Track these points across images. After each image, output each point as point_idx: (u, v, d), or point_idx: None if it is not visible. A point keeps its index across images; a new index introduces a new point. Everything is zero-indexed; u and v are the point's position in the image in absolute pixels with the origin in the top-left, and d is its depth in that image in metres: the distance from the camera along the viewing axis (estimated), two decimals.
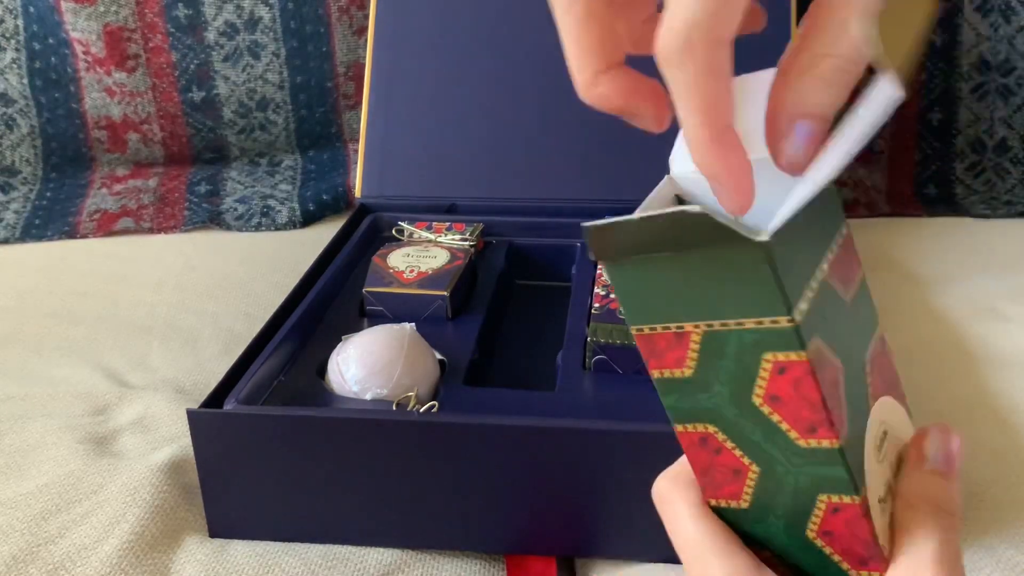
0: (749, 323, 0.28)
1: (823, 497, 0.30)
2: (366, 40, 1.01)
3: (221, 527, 0.58)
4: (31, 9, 1.16)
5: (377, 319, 0.71)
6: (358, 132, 0.98)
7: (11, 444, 0.67)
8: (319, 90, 1.21)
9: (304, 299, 0.71)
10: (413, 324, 0.65)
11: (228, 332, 0.84)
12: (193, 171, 1.21)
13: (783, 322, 0.27)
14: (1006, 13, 1.09)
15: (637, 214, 0.28)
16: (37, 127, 1.19)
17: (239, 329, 0.84)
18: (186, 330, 0.85)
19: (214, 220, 1.10)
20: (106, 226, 1.09)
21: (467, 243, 0.81)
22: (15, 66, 1.17)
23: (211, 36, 1.18)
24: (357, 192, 0.95)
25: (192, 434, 0.56)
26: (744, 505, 0.32)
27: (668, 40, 0.26)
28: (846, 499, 0.29)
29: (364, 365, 0.61)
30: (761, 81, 0.29)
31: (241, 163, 1.22)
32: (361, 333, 0.64)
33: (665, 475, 0.35)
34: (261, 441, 0.56)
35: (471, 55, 0.95)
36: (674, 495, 0.34)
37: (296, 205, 1.11)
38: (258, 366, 0.61)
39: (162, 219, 1.10)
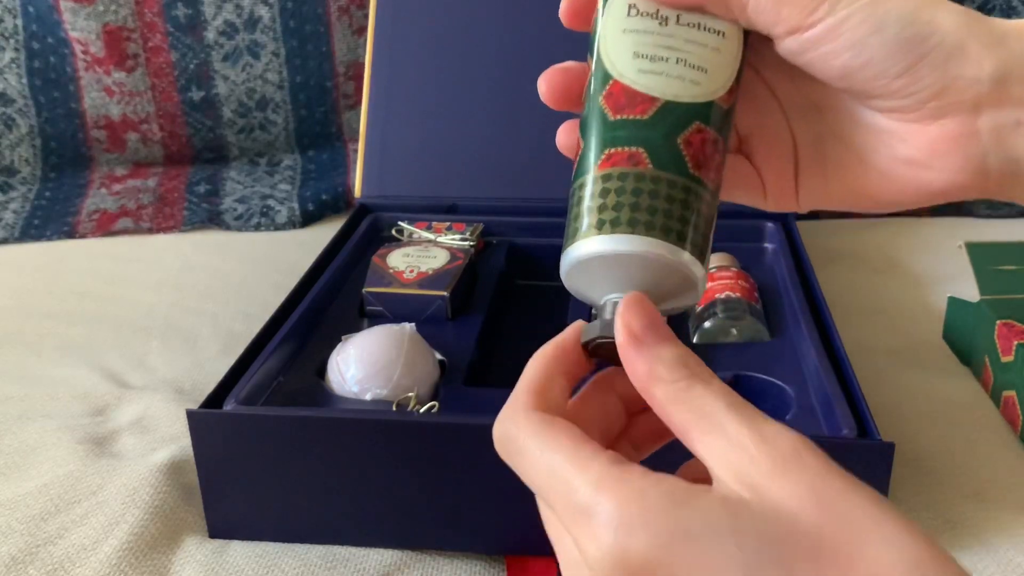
0: None
1: None
2: (366, 40, 1.01)
3: (221, 528, 0.58)
4: (30, 8, 1.16)
5: (377, 319, 0.71)
6: (358, 132, 0.98)
7: (10, 445, 0.67)
8: (319, 90, 1.21)
9: (304, 299, 0.71)
10: (413, 324, 0.65)
11: (227, 332, 0.84)
12: (192, 171, 1.21)
13: None
14: (1008, 13, 1.09)
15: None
16: (36, 127, 1.19)
17: (238, 329, 0.84)
18: (185, 330, 0.85)
19: (213, 220, 1.10)
20: (105, 226, 1.09)
21: (467, 243, 0.81)
22: (14, 65, 1.17)
23: (210, 36, 1.18)
24: (357, 192, 0.95)
25: (192, 434, 0.56)
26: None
27: None
28: None
29: (364, 365, 0.60)
30: None
31: (240, 163, 1.22)
32: (361, 333, 0.64)
33: (502, 420, 0.32)
34: (261, 441, 0.55)
35: (471, 54, 0.95)
36: (515, 432, 0.31)
37: (296, 205, 1.11)
38: (258, 366, 0.61)
39: (161, 219, 1.10)
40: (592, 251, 0.31)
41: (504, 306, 0.80)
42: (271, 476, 0.56)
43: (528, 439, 0.30)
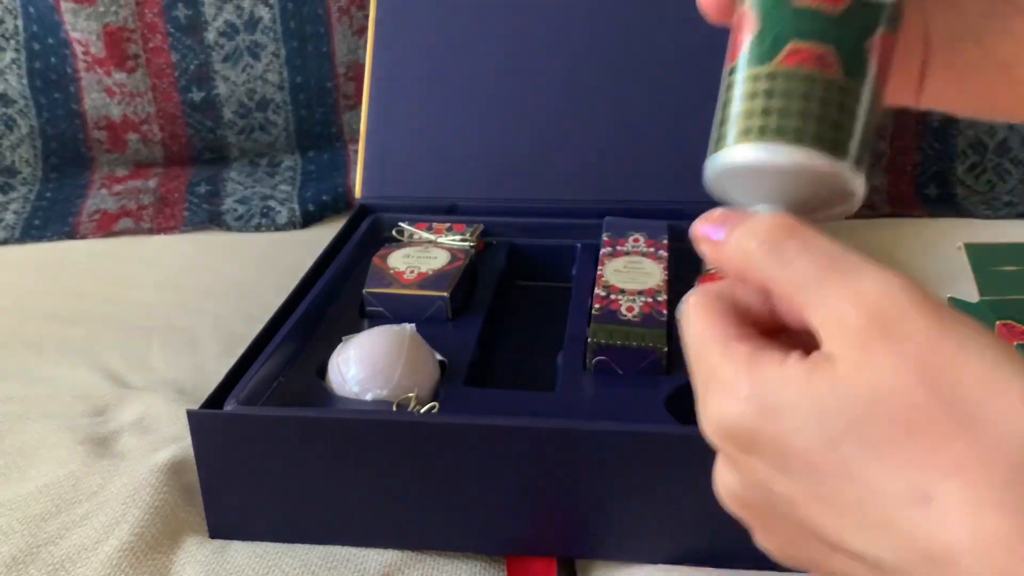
0: None
1: None
2: (366, 40, 1.01)
3: (221, 528, 0.58)
4: (31, 9, 1.16)
5: (377, 320, 0.71)
6: (358, 132, 0.98)
7: (11, 445, 0.67)
8: (319, 90, 1.21)
9: (304, 300, 0.71)
10: (413, 325, 0.65)
11: (228, 333, 0.84)
12: (193, 172, 1.21)
13: None
14: None
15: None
16: (37, 127, 1.19)
17: (239, 330, 0.84)
18: (186, 331, 0.85)
19: (214, 221, 1.10)
20: (106, 227, 1.09)
21: (467, 244, 0.81)
22: (15, 66, 1.17)
23: (211, 36, 1.18)
24: (357, 193, 0.95)
25: (192, 435, 0.56)
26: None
27: None
28: None
29: (364, 366, 0.61)
30: None
31: (241, 164, 1.22)
32: (361, 334, 0.64)
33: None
34: (261, 442, 0.55)
35: (471, 55, 0.95)
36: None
37: (296, 206, 1.11)
38: (258, 367, 0.61)
39: (162, 220, 1.10)
40: (773, 159, 0.30)
41: (504, 307, 0.80)
42: (271, 476, 0.56)
43: (689, 309, 0.30)
